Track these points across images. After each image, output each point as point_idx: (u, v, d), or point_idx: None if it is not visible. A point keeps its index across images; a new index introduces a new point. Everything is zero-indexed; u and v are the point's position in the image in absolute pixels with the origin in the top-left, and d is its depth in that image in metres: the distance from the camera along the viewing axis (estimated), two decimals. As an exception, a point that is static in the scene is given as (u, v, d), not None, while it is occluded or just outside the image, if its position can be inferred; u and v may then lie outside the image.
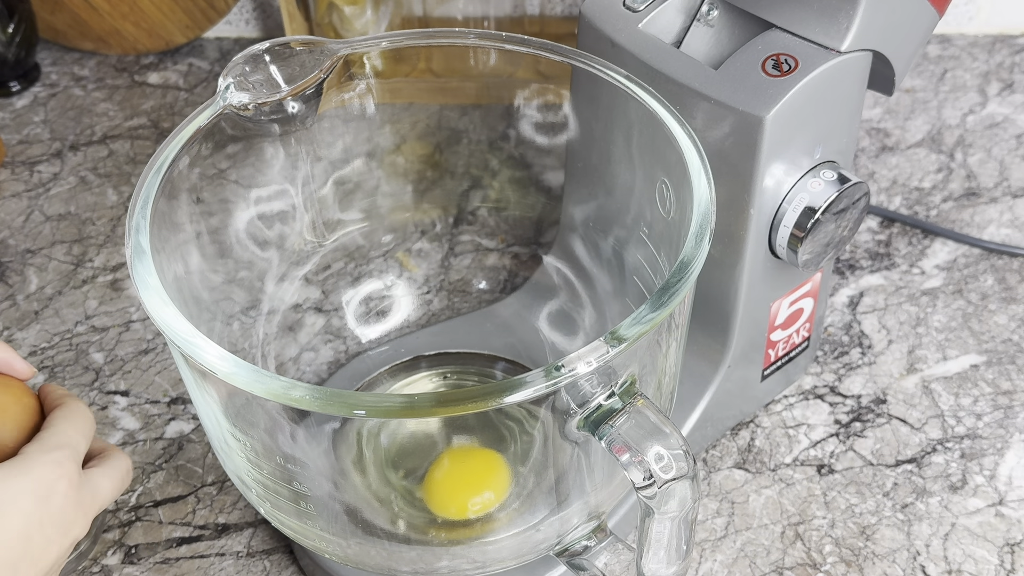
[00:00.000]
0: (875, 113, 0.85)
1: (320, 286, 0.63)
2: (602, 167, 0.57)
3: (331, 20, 0.83)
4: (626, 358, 0.40)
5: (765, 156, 0.49)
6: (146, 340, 0.70)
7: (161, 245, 0.45)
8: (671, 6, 0.54)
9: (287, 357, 0.61)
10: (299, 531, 0.47)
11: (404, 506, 0.53)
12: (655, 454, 0.39)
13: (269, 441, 0.43)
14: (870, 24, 0.49)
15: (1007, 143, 0.82)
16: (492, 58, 0.57)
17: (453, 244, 0.70)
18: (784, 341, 0.61)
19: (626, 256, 0.57)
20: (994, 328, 0.68)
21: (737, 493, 0.59)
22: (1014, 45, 0.91)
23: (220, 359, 0.38)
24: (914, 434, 0.62)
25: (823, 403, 0.64)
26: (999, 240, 0.74)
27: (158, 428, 0.64)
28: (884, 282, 0.71)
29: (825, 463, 0.61)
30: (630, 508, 0.56)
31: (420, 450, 0.56)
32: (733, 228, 0.52)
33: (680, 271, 0.40)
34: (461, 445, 0.56)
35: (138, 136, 0.87)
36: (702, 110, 0.50)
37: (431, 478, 0.53)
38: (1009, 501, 0.58)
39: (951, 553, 0.56)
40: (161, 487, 0.61)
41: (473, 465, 0.54)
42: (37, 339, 0.70)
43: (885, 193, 0.78)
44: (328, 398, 0.37)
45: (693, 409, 0.58)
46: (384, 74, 0.59)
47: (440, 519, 0.52)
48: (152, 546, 0.58)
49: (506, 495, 0.52)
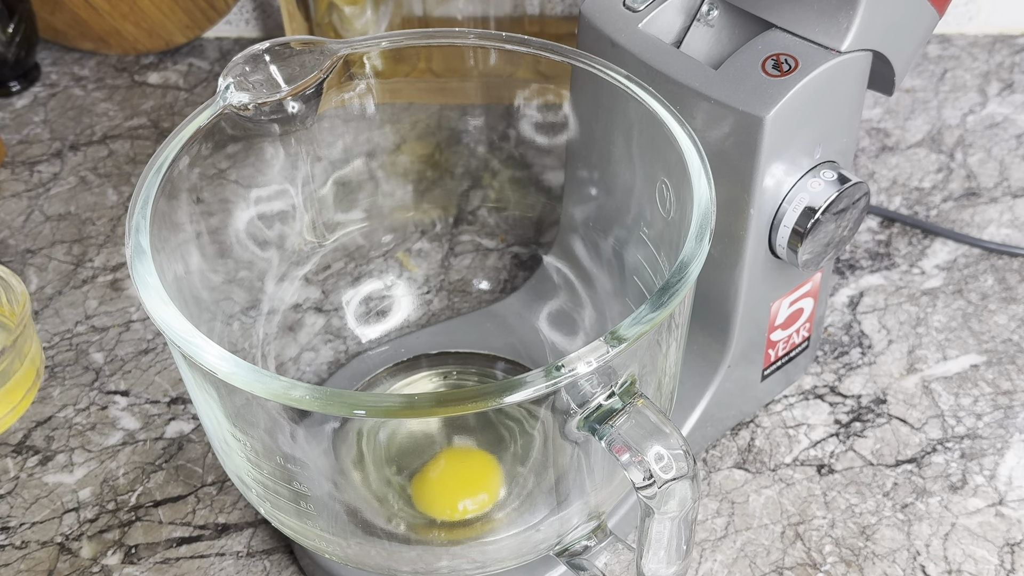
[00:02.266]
0: (875, 113, 0.85)
1: (320, 286, 0.63)
2: (602, 167, 0.57)
3: (331, 20, 0.83)
4: (626, 358, 0.40)
5: (765, 156, 0.49)
6: (146, 340, 0.70)
7: (161, 245, 0.45)
8: (671, 6, 0.54)
9: (287, 357, 0.61)
10: (299, 531, 0.47)
11: (404, 506, 0.53)
12: (655, 454, 0.39)
13: (269, 441, 0.43)
14: (870, 24, 0.49)
15: (1007, 143, 0.82)
16: (492, 58, 0.57)
17: (453, 244, 0.70)
18: (784, 341, 0.61)
19: (626, 256, 0.57)
20: (994, 328, 0.68)
21: (737, 493, 0.59)
22: (1014, 45, 0.91)
23: (220, 359, 0.38)
24: (914, 434, 0.62)
25: (823, 403, 0.64)
26: (999, 240, 0.74)
27: (158, 428, 0.64)
28: (884, 282, 0.71)
29: (825, 463, 0.61)
30: (630, 508, 0.56)
31: (420, 450, 0.56)
32: (733, 228, 0.52)
33: (680, 271, 0.41)
34: (451, 448, 0.56)
35: (138, 136, 0.87)
36: (702, 110, 0.50)
37: (419, 480, 0.53)
38: (1009, 501, 0.58)
39: (951, 553, 0.56)
40: (161, 487, 0.61)
41: (461, 467, 0.54)
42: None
43: (885, 193, 0.78)
44: (328, 398, 0.37)
45: (693, 409, 0.58)
46: (384, 74, 0.59)
47: (439, 519, 0.52)
48: (152, 546, 0.58)
49: (494, 498, 0.52)
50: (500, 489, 0.53)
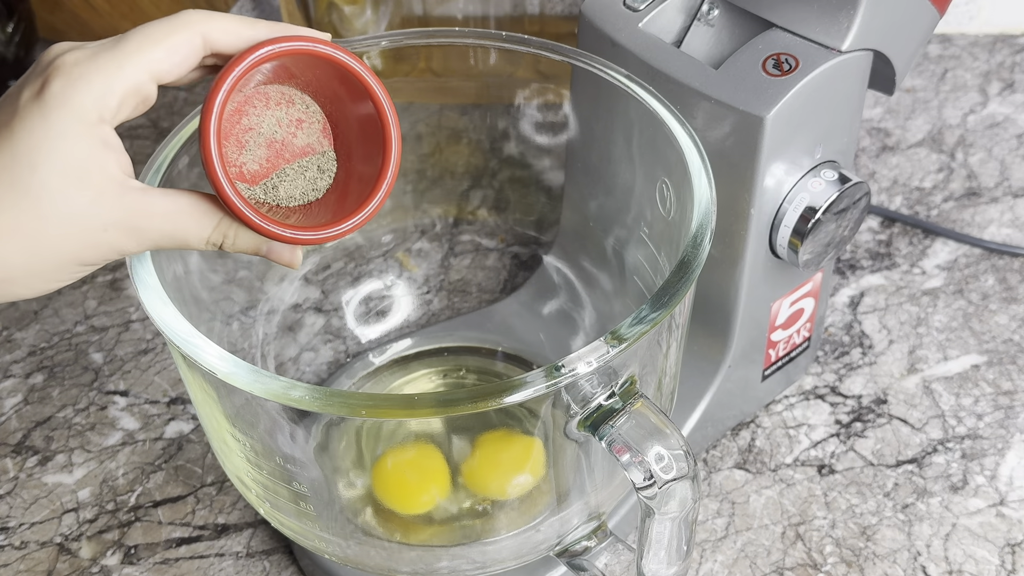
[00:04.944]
0: (876, 113, 0.85)
1: (320, 286, 0.63)
2: (602, 167, 0.57)
3: (331, 20, 0.83)
4: (626, 358, 0.40)
5: (765, 156, 0.49)
6: (145, 340, 0.70)
7: (160, 245, 0.45)
8: (671, 5, 0.54)
9: (287, 357, 0.61)
10: (299, 531, 0.47)
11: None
12: (655, 454, 0.39)
13: (268, 441, 0.43)
14: (871, 23, 0.49)
15: (1008, 143, 0.82)
16: (492, 58, 0.57)
17: (453, 244, 0.70)
18: (785, 341, 0.61)
19: (626, 256, 0.57)
20: (995, 328, 0.68)
21: (737, 493, 0.59)
22: (1015, 45, 0.91)
23: (220, 359, 0.38)
24: (915, 434, 0.62)
25: (824, 403, 0.64)
26: (1000, 240, 0.74)
27: (157, 428, 0.64)
28: (885, 282, 0.71)
29: (826, 463, 0.61)
30: (630, 508, 0.56)
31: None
32: (733, 228, 0.52)
33: (680, 271, 0.40)
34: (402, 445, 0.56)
35: (137, 136, 0.87)
36: (702, 110, 0.50)
37: (382, 472, 0.53)
38: (1010, 501, 0.58)
39: (952, 553, 0.56)
40: (161, 487, 0.61)
41: (426, 461, 0.54)
42: (36, 339, 0.70)
43: (886, 193, 0.78)
44: (328, 398, 0.37)
45: (693, 409, 0.58)
46: (384, 74, 0.58)
47: (438, 519, 0.52)
48: (151, 546, 0.58)
49: (444, 493, 0.52)
50: (447, 486, 0.52)
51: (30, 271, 0.34)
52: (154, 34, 0.35)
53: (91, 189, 0.34)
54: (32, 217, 0.33)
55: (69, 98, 0.34)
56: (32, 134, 0.33)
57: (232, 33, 0.36)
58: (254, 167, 0.38)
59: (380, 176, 0.39)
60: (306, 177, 0.39)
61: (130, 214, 0.35)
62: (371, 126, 0.39)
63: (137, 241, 0.36)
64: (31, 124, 0.34)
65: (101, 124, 0.34)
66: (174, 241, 0.36)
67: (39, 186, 0.33)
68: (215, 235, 0.37)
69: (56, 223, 0.34)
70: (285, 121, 0.39)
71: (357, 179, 0.40)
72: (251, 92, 0.38)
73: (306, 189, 0.39)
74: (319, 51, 0.37)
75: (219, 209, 0.37)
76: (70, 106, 0.34)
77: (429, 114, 0.72)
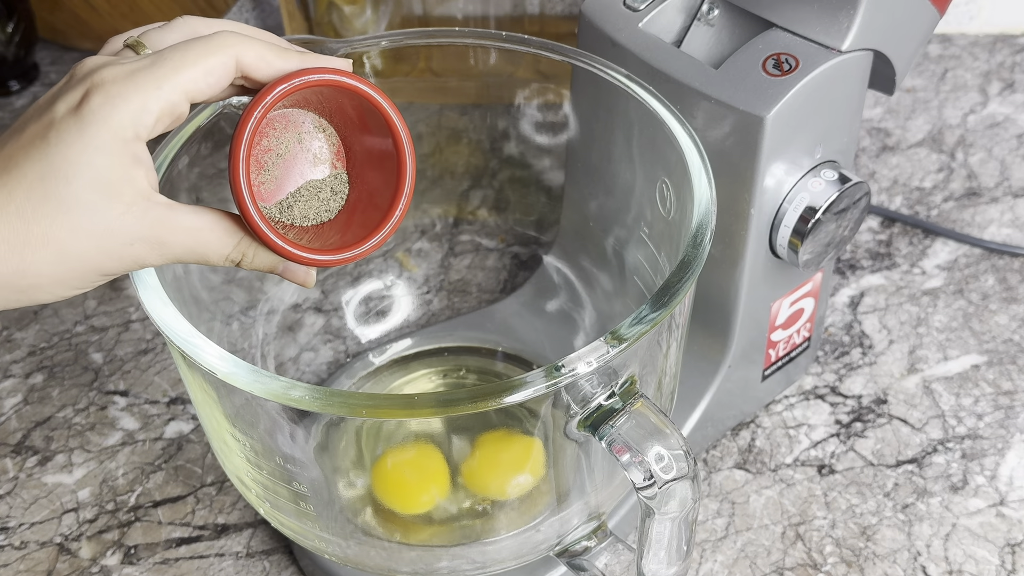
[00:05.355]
0: (876, 113, 0.85)
1: (320, 286, 0.63)
2: (602, 167, 0.57)
3: (331, 19, 0.83)
4: (626, 358, 0.40)
5: (766, 156, 0.49)
6: (145, 340, 0.70)
7: (160, 245, 0.45)
8: (671, 5, 0.53)
9: (287, 357, 0.61)
10: (299, 531, 0.47)
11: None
12: (655, 454, 0.39)
13: (269, 441, 0.43)
14: (871, 23, 0.49)
15: (1008, 143, 0.82)
16: (492, 57, 0.57)
17: (453, 244, 0.70)
18: (785, 341, 0.61)
19: (626, 256, 0.57)
20: (995, 328, 0.68)
21: (737, 493, 0.59)
22: (1015, 45, 0.91)
23: (220, 359, 0.38)
24: (915, 434, 0.62)
25: (824, 403, 0.64)
26: (1000, 240, 0.74)
27: (157, 428, 0.64)
28: (885, 282, 0.71)
29: (826, 463, 0.61)
30: (630, 508, 0.56)
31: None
32: (733, 228, 0.52)
33: (680, 271, 0.40)
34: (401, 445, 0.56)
35: (138, 136, 0.87)
36: (702, 110, 0.50)
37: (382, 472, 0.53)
38: (1010, 501, 0.58)
39: (952, 553, 0.56)
40: (160, 487, 0.61)
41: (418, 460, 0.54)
42: (36, 339, 0.70)
43: (886, 193, 0.78)
44: (328, 398, 0.37)
45: (693, 409, 0.58)
46: (384, 73, 0.59)
47: (438, 519, 0.52)
48: (151, 546, 0.58)
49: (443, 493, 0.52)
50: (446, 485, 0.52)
51: (56, 279, 0.35)
52: (191, 55, 0.36)
53: (122, 203, 0.35)
54: (64, 229, 0.34)
55: (108, 115, 0.34)
56: (70, 148, 0.34)
57: (264, 61, 0.37)
58: (271, 187, 0.39)
59: (395, 198, 0.40)
60: (320, 198, 0.40)
61: (156, 229, 0.36)
62: (382, 150, 0.40)
63: (160, 254, 0.37)
64: (68, 138, 0.34)
65: (136, 141, 0.35)
66: (195, 256, 0.37)
67: (72, 199, 0.34)
68: (235, 253, 0.38)
69: (86, 235, 0.35)
70: (302, 143, 0.40)
71: (366, 201, 0.41)
72: (272, 115, 0.39)
73: (319, 210, 0.40)
74: (345, 83, 0.38)
75: (241, 228, 0.38)
76: (108, 123, 0.34)
77: (429, 114, 0.72)
